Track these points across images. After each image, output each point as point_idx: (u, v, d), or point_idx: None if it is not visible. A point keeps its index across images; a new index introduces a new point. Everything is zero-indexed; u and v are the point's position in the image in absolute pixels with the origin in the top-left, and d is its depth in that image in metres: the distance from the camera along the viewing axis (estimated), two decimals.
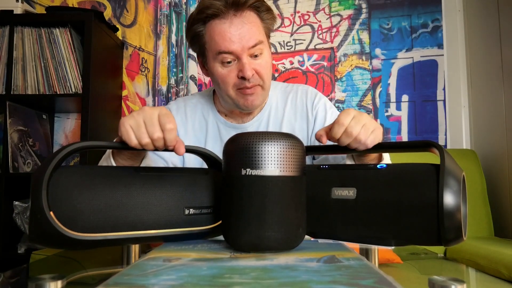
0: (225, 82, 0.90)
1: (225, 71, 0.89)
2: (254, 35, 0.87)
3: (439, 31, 1.90)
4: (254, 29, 0.88)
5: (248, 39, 0.86)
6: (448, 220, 0.50)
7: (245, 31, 0.86)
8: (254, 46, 0.87)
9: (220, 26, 0.86)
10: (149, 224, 0.55)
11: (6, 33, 1.67)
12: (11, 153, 1.62)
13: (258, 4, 0.89)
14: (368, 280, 0.37)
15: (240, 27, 0.86)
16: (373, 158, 0.76)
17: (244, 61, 0.87)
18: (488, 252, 1.25)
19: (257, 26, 0.89)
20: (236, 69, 0.88)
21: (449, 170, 0.52)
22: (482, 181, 1.65)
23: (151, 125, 0.58)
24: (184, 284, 0.37)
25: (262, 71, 0.90)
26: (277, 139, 0.51)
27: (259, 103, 0.94)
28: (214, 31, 0.87)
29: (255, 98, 0.92)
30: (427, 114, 1.89)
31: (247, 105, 0.92)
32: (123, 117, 0.60)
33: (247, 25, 0.87)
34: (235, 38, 0.86)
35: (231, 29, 0.86)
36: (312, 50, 1.97)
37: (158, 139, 0.59)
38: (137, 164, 0.73)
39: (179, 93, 2.01)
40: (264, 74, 0.90)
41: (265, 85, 0.92)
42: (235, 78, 0.89)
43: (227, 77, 0.89)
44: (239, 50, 0.86)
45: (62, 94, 1.66)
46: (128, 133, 0.58)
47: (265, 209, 0.51)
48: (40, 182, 0.49)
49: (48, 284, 0.39)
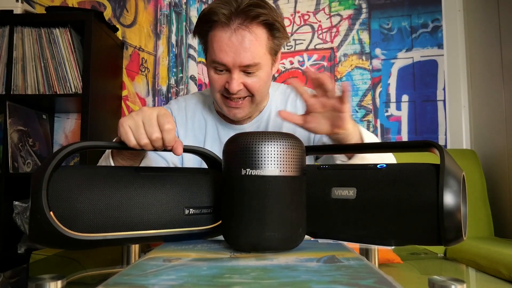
0: (213, 86, 0.90)
1: (216, 77, 0.88)
2: (252, 54, 0.83)
3: (439, 31, 1.90)
4: (254, 48, 0.83)
5: (243, 56, 0.83)
6: (448, 220, 0.50)
7: (243, 47, 0.82)
8: (248, 66, 0.84)
9: (220, 35, 0.84)
10: (149, 224, 0.55)
11: (6, 33, 1.67)
12: (11, 153, 1.62)
13: (270, 22, 0.84)
14: (368, 280, 0.37)
15: (240, 40, 0.82)
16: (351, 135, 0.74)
17: (233, 76, 0.85)
18: (488, 252, 1.25)
19: (260, 45, 0.85)
20: (225, 79, 0.87)
21: (449, 170, 0.52)
22: (482, 181, 1.65)
23: (149, 126, 0.58)
24: (184, 284, 0.37)
25: (253, 88, 0.87)
26: (277, 139, 0.51)
27: (244, 115, 0.93)
28: (213, 38, 0.85)
29: (239, 111, 0.90)
30: (427, 114, 1.89)
31: (230, 115, 0.92)
32: (122, 118, 0.60)
33: (248, 42, 0.83)
34: (230, 51, 0.83)
35: (229, 41, 0.83)
36: (312, 50, 1.97)
37: (157, 139, 0.59)
38: (137, 164, 0.73)
39: (179, 93, 2.01)
40: (255, 91, 0.88)
41: (255, 99, 0.90)
42: (222, 86, 0.88)
43: (216, 83, 0.89)
44: (230, 64, 0.84)
45: (62, 94, 1.66)
46: (127, 134, 0.58)
47: (265, 209, 0.51)
48: (40, 182, 0.49)
49: (48, 284, 0.39)
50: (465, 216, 0.54)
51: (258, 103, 0.93)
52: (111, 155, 0.70)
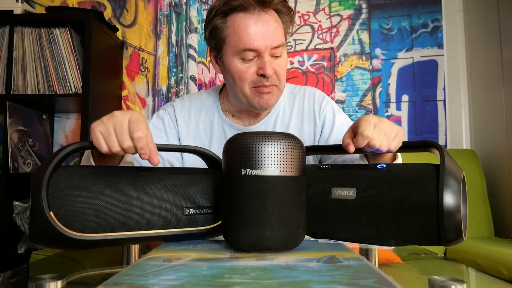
0: (242, 78, 0.88)
1: (244, 67, 0.87)
2: (278, 35, 0.87)
3: (439, 31, 1.90)
4: (278, 30, 0.87)
5: (273, 38, 0.85)
6: (448, 220, 0.50)
7: (270, 30, 0.85)
8: (277, 47, 0.86)
9: (246, 21, 0.85)
10: (149, 224, 0.55)
11: (6, 33, 1.67)
12: (11, 153, 1.62)
13: (281, 5, 0.88)
14: (368, 280, 0.37)
15: (266, 25, 0.85)
16: (388, 158, 0.74)
17: (266, 59, 0.85)
18: (488, 252, 1.25)
19: (280, 28, 0.88)
20: (256, 66, 0.87)
21: (449, 170, 0.52)
22: (482, 181, 1.65)
23: (120, 134, 0.56)
24: (184, 284, 0.37)
25: (280, 72, 0.89)
26: (277, 139, 0.51)
27: (273, 103, 0.93)
28: (238, 26, 0.85)
29: (270, 97, 0.90)
30: (427, 114, 1.89)
31: (262, 104, 0.90)
32: (94, 122, 0.57)
33: (273, 24, 0.86)
34: (260, 36, 0.84)
35: (257, 26, 0.84)
36: (312, 50, 1.97)
37: (129, 148, 0.56)
38: (117, 162, 0.70)
39: (179, 93, 2.01)
40: (282, 75, 0.90)
41: (280, 86, 0.91)
42: (254, 75, 0.87)
43: (245, 74, 0.87)
44: (263, 48, 0.85)
45: (62, 94, 1.66)
46: (99, 140, 0.56)
47: (265, 209, 0.51)
48: (40, 182, 0.49)
49: (48, 284, 0.39)
50: (465, 216, 0.54)
51: (282, 92, 0.94)
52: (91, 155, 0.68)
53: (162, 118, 0.99)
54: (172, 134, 0.98)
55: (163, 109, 1.02)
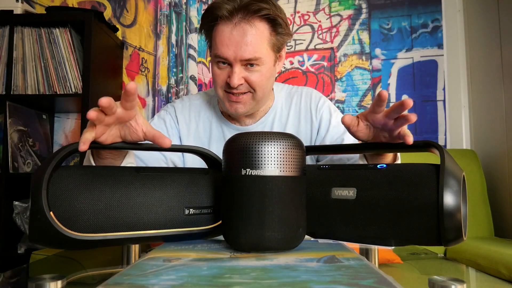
0: (216, 82, 0.90)
1: (218, 72, 0.89)
2: (253, 48, 0.84)
3: (439, 31, 1.90)
4: (255, 42, 0.84)
5: (244, 50, 0.83)
6: (448, 220, 0.50)
7: (244, 41, 0.83)
8: (250, 60, 0.85)
9: (222, 29, 0.85)
10: (149, 224, 0.55)
11: (6, 33, 1.67)
12: (11, 153, 1.62)
13: (272, 17, 0.85)
14: (368, 280, 0.37)
15: (241, 34, 0.83)
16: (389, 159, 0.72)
17: (234, 70, 0.85)
18: (488, 252, 1.25)
19: (262, 39, 0.85)
20: (226, 74, 0.87)
21: (449, 170, 0.52)
22: (482, 181, 1.65)
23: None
24: (184, 284, 0.37)
25: (254, 83, 0.87)
26: (277, 139, 0.51)
27: (245, 111, 0.92)
28: (217, 31, 0.86)
29: (240, 106, 0.90)
30: (427, 114, 1.89)
31: (231, 110, 0.91)
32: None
33: (250, 35, 0.83)
34: (232, 45, 0.83)
35: (231, 35, 0.83)
36: (312, 50, 1.97)
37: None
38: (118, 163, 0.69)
39: (179, 93, 2.01)
40: (256, 86, 0.88)
41: (256, 95, 0.89)
42: (225, 81, 0.88)
43: (218, 78, 0.89)
44: (232, 58, 0.84)
45: (62, 94, 1.66)
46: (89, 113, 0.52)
47: (265, 209, 0.51)
48: (40, 182, 0.49)
49: (48, 284, 0.39)
50: (465, 216, 0.54)
51: (260, 100, 0.92)
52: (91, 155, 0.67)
53: (164, 119, 1.00)
54: (174, 134, 0.99)
55: (164, 110, 1.03)
